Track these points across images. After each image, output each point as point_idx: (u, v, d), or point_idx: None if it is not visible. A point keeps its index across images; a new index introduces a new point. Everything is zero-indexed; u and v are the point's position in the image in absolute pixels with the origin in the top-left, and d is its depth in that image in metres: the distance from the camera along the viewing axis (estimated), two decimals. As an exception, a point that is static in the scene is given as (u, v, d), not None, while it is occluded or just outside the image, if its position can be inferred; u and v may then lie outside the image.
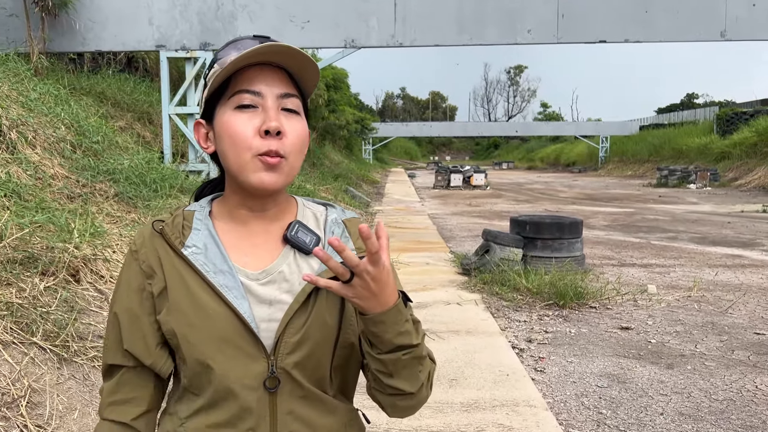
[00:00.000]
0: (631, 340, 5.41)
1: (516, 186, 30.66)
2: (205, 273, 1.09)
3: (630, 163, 44.10)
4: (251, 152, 1.06)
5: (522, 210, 17.81)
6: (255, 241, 1.14)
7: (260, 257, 1.13)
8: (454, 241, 11.58)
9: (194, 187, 8.70)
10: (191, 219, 1.15)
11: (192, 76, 9.17)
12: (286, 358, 1.08)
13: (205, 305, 1.08)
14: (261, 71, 1.08)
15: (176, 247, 1.11)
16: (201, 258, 1.10)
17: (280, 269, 1.12)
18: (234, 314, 1.07)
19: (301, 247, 1.14)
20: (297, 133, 1.10)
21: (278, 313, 1.09)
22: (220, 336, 1.07)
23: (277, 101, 1.08)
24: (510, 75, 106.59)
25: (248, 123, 1.06)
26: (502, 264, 7.48)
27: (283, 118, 1.08)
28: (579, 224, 8.45)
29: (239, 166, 1.07)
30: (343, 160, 33.01)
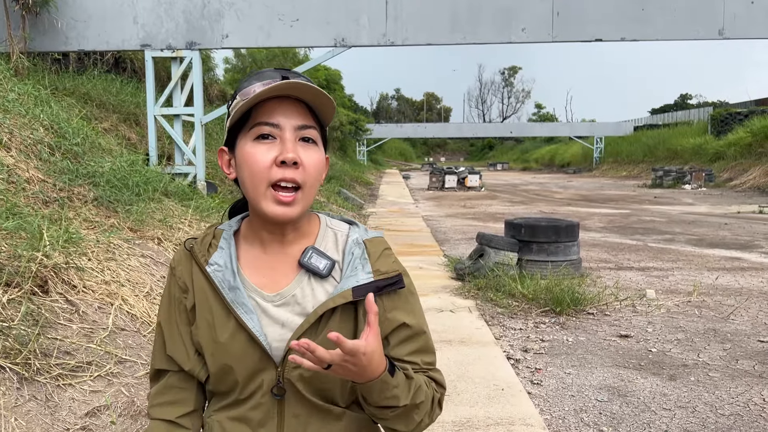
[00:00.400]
0: (630, 348, 5.20)
1: (511, 187, 30.47)
2: (221, 289, 1.18)
3: (625, 164, 44.01)
4: (267, 182, 1.12)
5: (517, 212, 17.62)
6: (273, 263, 1.21)
7: (276, 280, 1.20)
8: (448, 244, 11.36)
9: (179, 191, 8.46)
10: (219, 237, 1.25)
11: (178, 76, 8.93)
12: (292, 371, 1.17)
13: (220, 321, 1.18)
14: (280, 104, 1.14)
15: (201, 264, 1.21)
16: (220, 276, 1.19)
17: (294, 293, 1.19)
18: (243, 329, 1.17)
19: (315, 272, 1.19)
20: (313, 162, 1.15)
21: (288, 334, 1.17)
22: (235, 348, 1.17)
23: (294, 132, 1.14)
24: (504, 76, 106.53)
25: (266, 154, 1.13)
26: (496, 269, 7.26)
27: (300, 148, 1.14)
28: (575, 227, 8.24)
29: (256, 195, 1.14)
30: (337, 162, 32.75)
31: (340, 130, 32.65)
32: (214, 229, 1.28)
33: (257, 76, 1.17)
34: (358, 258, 1.20)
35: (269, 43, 8.90)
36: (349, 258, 1.20)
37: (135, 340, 4.14)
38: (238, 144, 1.18)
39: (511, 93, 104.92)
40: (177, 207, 7.70)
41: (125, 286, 4.73)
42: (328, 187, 18.44)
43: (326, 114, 1.20)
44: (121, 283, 4.74)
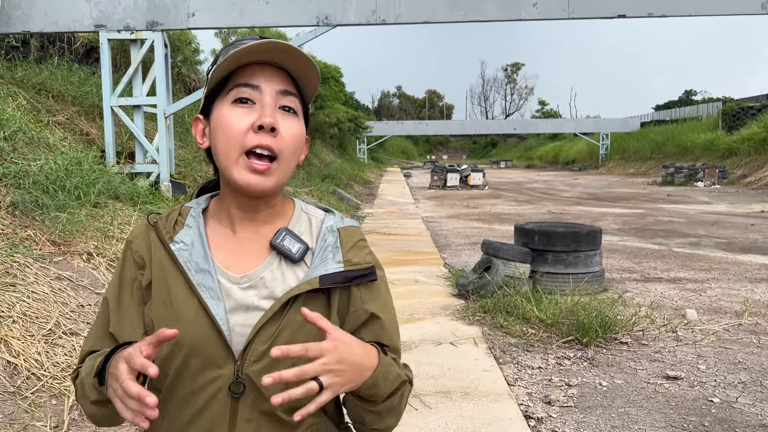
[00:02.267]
0: (684, 397, 4.01)
1: (515, 185, 29.25)
2: (186, 270, 1.09)
3: (632, 161, 42.79)
4: (242, 148, 1.06)
5: (523, 212, 16.41)
6: (243, 243, 1.14)
7: (245, 260, 1.12)
8: (450, 250, 10.17)
9: (135, 193, 7.28)
10: (186, 215, 1.15)
11: (138, 61, 7.76)
12: (252, 365, 1.07)
13: (180, 303, 1.08)
14: (262, 68, 1.08)
15: (165, 241, 1.12)
16: (186, 255, 1.10)
17: (262, 275, 1.11)
18: (207, 315, 1.07)
19: (286, 255, 1.12)
20: (292, 132, 1.09)
21: (253, 319, 1.08)
22: (191, 335, 1.06)
23: (275, 98, 1.08)
24: (507, 72, 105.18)
25: (244, 118, 1.06)
26: (506, 286, 6.07)
27: (280, 116, 1.08)
28: (597, 234, 7.05)
29: (228, 163, 1.07)
30: (336, 160, 31.61)
31: (338, 127, 31.44)
32: (181, 207, 1.18)
33: (238, 43, 1.07)
34: (331, 246, 1.14)
35: (242, 22, 7.74)
36: (322, 245, 1.14)
37: (9, 406, 2.97)
38: (214, 109, 1.10)
39: (514, 90, 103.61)
40: (128, 212, 6.53)
41: (17, 323, 3.56)
42: (322, 187, 17.25)
43: (310, 86, 1.14)
44: (13, 319, 3.57)
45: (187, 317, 1.07)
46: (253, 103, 1.07)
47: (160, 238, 1.13)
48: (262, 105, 1.07)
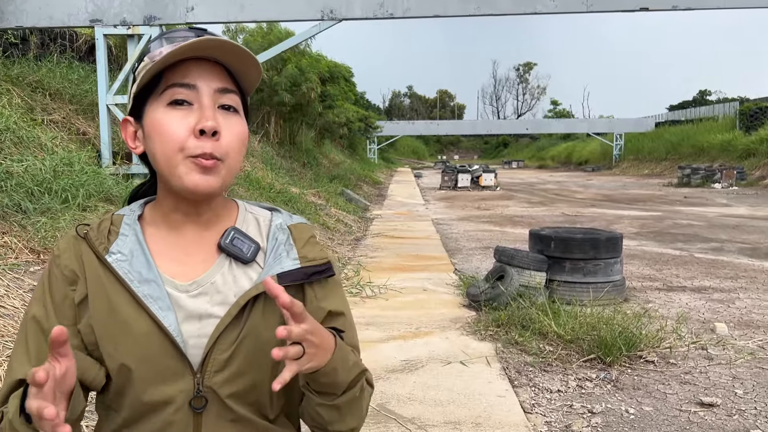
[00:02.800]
0: (723, 428, 3.59)
1: (528, 186, 28.76)
2: (129, 282, 1.00)
3: (646, 162, 42.14)
4: (183, 153, 0.97)
5: (536, 214, 15.96)
6: (187, 249, 1.06)
7: (192, 267, 1.04)
8: (460, 254, 9.76)
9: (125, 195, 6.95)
10: (119, 224, 1.07)
11: (135, 57, 7.42)
12: (214, 376, 1.00)
13: (126, 317, 0.99)
14: (197, 65, 0.99)
15: (100, 253, 1.02)
16: (125, 266, 1.01)
17: (213, 280, 1.04)
18: (158, 327, 0.99)
19: (237, 256, 1.05)
20: (235, 133, 1.01)
21: (208, 328, 1.00)
22: (143, 350, 0.99)
23: (213, 97, 1.00)
24: (519, 72, 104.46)
25: (182, 121, 0.98)
26: (521, 298, 5.66)
27: (220, 116, 1.00)
28: (618, 240, 6.62)
29: (170, 168, 0.98)
30: (345, 160, 31.29)
31: (348, 127, 31.08)
32: (112, 215, 1.08)
33: (167, 35, 1.01)
34: (283, 244, 1.08)
35: (243, 16, 7.39)
36: (273, 243, 1.07)
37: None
38: (147, 112, 1.00)
39: (526, 89, 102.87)
40: (121, 216, 6.17)
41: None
42: (330, 188, 16.88)
43: (250, 79, 1.05)
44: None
45: (136, 331, 0.99)
46: (190, 104, 0.98)
47: (94, 250, 1.03)
48: (201, 106, 0.98)
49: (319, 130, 25.31)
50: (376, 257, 9.14)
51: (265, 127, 17.43)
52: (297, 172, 16.79)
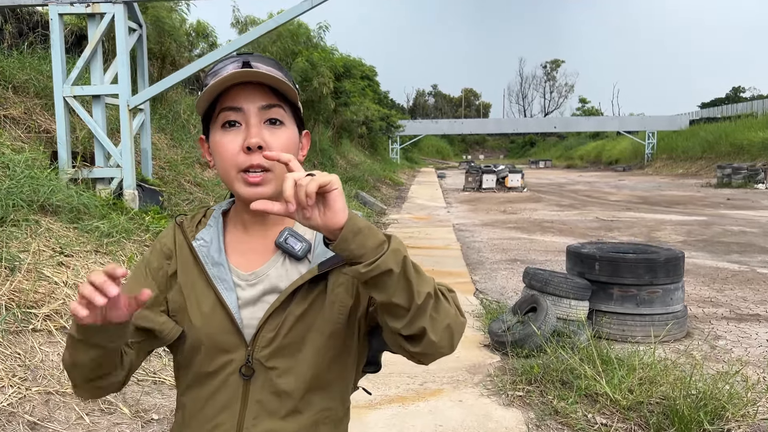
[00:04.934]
0: None
1: (557, 187, 27.26)
2: (204, 264, 1.19)
3: (681, 161, 40.26)
4: (236, 168, 1.14)
5: (567, 219, 14.56)
6: (252, 244, 1.22)
7: (253, 260, 1.20)
8: (483, 269, 8.47)
9: (82, 204, 5.76)
10: (210, 216, 1.27)
11: (96, 39, 6.29)
12: (261, 350, 1.16)
13: (199, 295, 1.19)
14: (243, 89, 1.15)
15: (188, 238, 1.23)
16: (204, 250, 1.21)
17: (268, 272, 1.19)
18: (221, 304, 1.17)
19: (290, 253, 1.18)
20: (280, 143, 1.15)
21: (259, 312, 1.17)
22: (209, 322, 1.17)
23: (259, 114, 1.15)
24: (546, 70, 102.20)
25: (233, 141, 1.14)
26: (559, 336, 4.38)
27: (266, 130, 1.15)
28: (679, 261, 5.28)
29: (229, 181, 1.17)
30: (365, 160, 30.06)
31: (367, 125, 29.88)
32: (206, 209, 1.30)
33: (222, 63, 1.16)
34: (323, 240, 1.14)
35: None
36: (319, 239, 1.19)
37: None
38: (211, 132, 1.19)
39: (553, 87, 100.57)
40: (63, 232, 5.04)
41: None
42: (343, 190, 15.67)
43: (291, 95, 1.19)
44: None
45: (205, 307, 1.18)
46: (240, 125, 1.14)
47: (185, 236, 1.24)
48: (248, 125, 1.14)
49: (336, 129, 24.16)
50: (384, 273, 7.91)
51: (275, 125, 16.30)
52: (307, 174, 15.62)
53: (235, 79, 1.11)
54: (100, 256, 4.89)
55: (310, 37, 18.65)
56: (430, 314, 1.03)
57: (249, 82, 1.13)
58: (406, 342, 1.06)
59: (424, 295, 1.02)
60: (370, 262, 0.97)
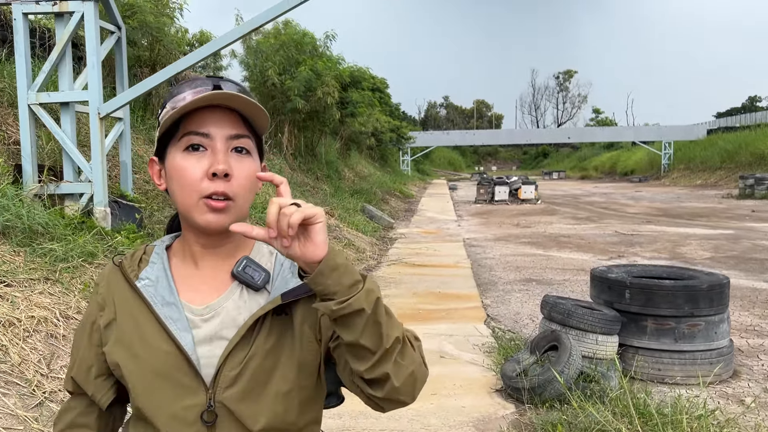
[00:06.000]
0: None
1: (572, 199, 26.43)
2: (153, 305, 1.11)
3: (699, 171, 39.27)
4: (198, 194, 1.07)
5: (585, 233, 13.78)
6: (205, 278, 1.15)
7: (207, 293, 1.13)
8: (495, 291, 7.74)
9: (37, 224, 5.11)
10: (151, 253, 1.19)
11: (65, 40, 5.67)
12: (224, 391, 1.08)
13: (149, 337, 1.10)
14: (212, 113, 1.08)
15: (130, 279, 1.14)
16: (151, 290, 1.13)
17: (225, 304, 1.12)
18: (176, 346, 1.08)
19: (248, 283, 1.13)
20: (245, 173, 1.10)
21: (218, 349, 1.09)
22: (161, 368, 1.08)
23: (226, 143, 1.09)
24: (559, 80, 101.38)
25: (197, 165, 1.07)
26: (585, 380, 3.64)
27: (233, 159, 1.09)
28: (724, 288, 4.53)
29: (187, 207, 1.09)
30: (375, 172, 29.44)
31: (376, 137, 29.27)
32: (146, 246, 1.22)
33: (189, 83, 1.11)
34: (288, 267, 1.15)
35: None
36: (279, 268, 1.16)
37: None
38: (168, 154, 1.11)
39: (566, 98, 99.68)
40: (8, 256, 4.38)
41: None
42: (346, 204, 15.00)
43: (260, 124, 1.13)
44: None
45: (156, 349, 1.09)
46: (205, 149, 1.08)
47: (126, 277, 1.15)
48: (215, 151, 1.07)
49: (344, 141, 23.54)
50: (385, 296, 7.19)
51: (278, 137, 15.67)
52: (310, 187, 14.96)
53: (214, 99, 1.05)
54: (50, 285, 4.23)
55: (315, 47, 18.07)
56: (396, 359, 1.01)
57: (218, 107, 1.08)
58: (367, 385, 1.03)
59: (393, 339, 1.00)
60: (343, 300, 0.95)
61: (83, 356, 1.18)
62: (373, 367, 0.99)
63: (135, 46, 9.42)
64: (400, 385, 1.01)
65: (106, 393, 1.17)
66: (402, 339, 1.01)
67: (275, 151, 15.00)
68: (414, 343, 1.07)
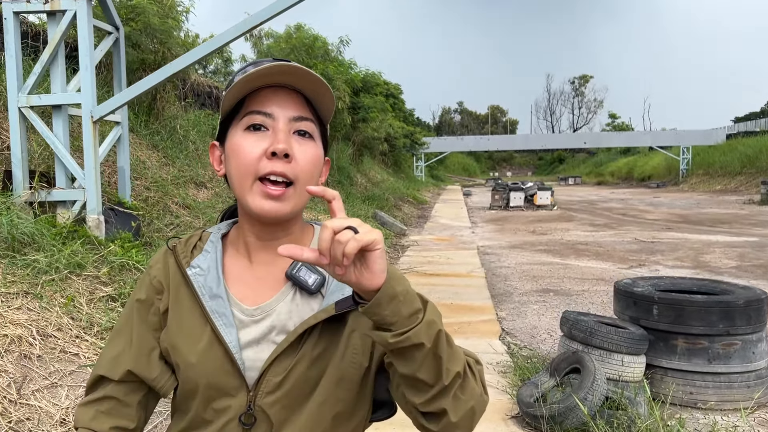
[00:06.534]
0: None
1: (588, 205, 25.92)
2: (201, 296, 1.06)
3: (718, 176, 38.54)
4: (255, 175, 1.01)
5: (603, 240, 13.34)
6: (258, 274, 1.10)
7: (259, 293, 1.08)
8: (510, 302, 7.37)
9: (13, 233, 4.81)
10: (206, 240, 1.13)
11: (57, 40, 5.41)
12: (265, 396, 1.03)
13: (193, 329, 1.06)
14: (275, 93, 1.04)
15: (182, 265, 1.09)
16: (201, 280, 1.07)
17: (276, 307, 1.07)
18: (219, 342, 1.04)
19: (302, 286, 1.07)
20: (308, 157, 1.04)
21: (265, 353, 1.04)
22: (204, 362, 1.04)
23: (289, 124, 1.04)
24: (574, 85, 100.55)
25: (256, 145, 1.02)
26: (611, 407, 3.27)
27: (295, 141, 1.03)
28: (762, 304, 4.13)
29: (242, 190, 1.03)
30: (388, 178, 29.11)
31: (389, 142, 28.98)
32: (202, 232, 1.16)
33: (254, 64, 1.04)
34: None
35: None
36: None
37: None
38: (229, 136, 1.06)
39: (582, 103, 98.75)
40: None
41: None
42: (357, 210, 14.69)
43: (326, 108, 1.08)
44: None
45: (200, 345, 1.04)
46: (266, 129, 1.03)
47: (178, 263, 1.10)
48: (275, 131, 1.02)
49: (357, 146, 23.26)
50: (395, 308, 6.84)
51: (288, 142, 15.42)
52: (321, 193, 14.67)
53: (279, 71, 0.99)
54: (30, 300, 3.93)
55: (327, 51, 17.84)
56: (455, 393, 0.95)
57: (281, 88, 1.03)
58: (422, 416, 0.98)
59: (453, 374, 0.93)
60: (401, 332, 0.88)
61: (142, 339, 1.10)
62: (431, 401, 0.94)
63: (139, 49, 9.18)
64: (458, 420, 0.96)
65: (170, 378, 1.11)
66: (463, 373, 0.95)
67: (285, 157, 14.75)
68: (475, 369, 1.01)
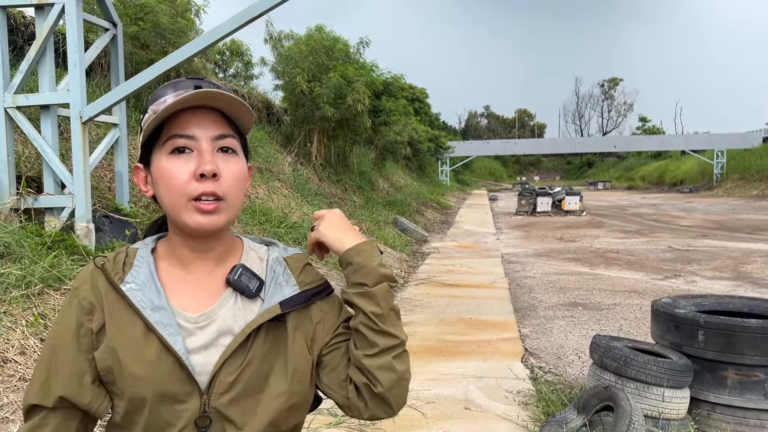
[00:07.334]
0: None
1: (619, 210, 25.10)
2: (141, 309, 1.06)
3: (755, 181, 37.26)
4: (187, 197, 1.04)
5: (635, 248, 12.67)
6: (197, 283, 1.12)
7: (201, 300, 1.11)
8: (535, 317, 6.82)
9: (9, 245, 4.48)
10: (134, 256, 1.13)
11: (44, 36, 5.06)
12: (219, 397, 1.06)
13: (138, 343, 1.06)
14: (194, 114, 1.07)
15: (115, 283, 1.09)
16: (139, 294, 1.08)
17: (220, 312, 1.10)
18: (168, 351, 1.05)
19: (243, 291, 1.12)
20: (233, 173, 1.08)
21: (213, 357, 1.07)
22: (154, 373, 1.05)
23: (212, 143, 1.07)
24: (604, 89, 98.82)
25: (183, 168, 1.05)
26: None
27: (220, 159, 1.07)
28: (828, 328, 3.55)
29: (176, 211, 1.06)
30: (411, 183, 28.63)
31: (413, 146, 28.48)
32: (127, 248, 1.15)
33: (172, 85, 1.09)
34: (281, 275, 1.16)
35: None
36: (272, 276, 1.15)
37: None
38: (153, 159, 1.09)
39: (611, 106, 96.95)
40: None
41: None
42: (377, 216, 14.22)
43: (244, 122, 1.13)
44: None
45: (148, 357, 1.04)
46: (191, 151, 1.06)
47: (110, 281, 1.09)
48: (200, 152, 1.05)
49: (379, 150, 22.80)
50: (407, 323, 6.34)
51: (306, 146, 15.01)
52: (338, 198, 14.22)
53: (196, 99, 1.03)
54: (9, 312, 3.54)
55: (348, 54, 17.41)
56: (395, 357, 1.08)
57: (200, 108, 1.06)
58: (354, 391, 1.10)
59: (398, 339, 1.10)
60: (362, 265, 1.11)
61: (72, 364, 1.07)
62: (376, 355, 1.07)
63: (148, 49, 8.87)
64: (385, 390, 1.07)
65: (104, 400, 1.09)
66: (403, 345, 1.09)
67: (303, 162, 14.34)
68: None
